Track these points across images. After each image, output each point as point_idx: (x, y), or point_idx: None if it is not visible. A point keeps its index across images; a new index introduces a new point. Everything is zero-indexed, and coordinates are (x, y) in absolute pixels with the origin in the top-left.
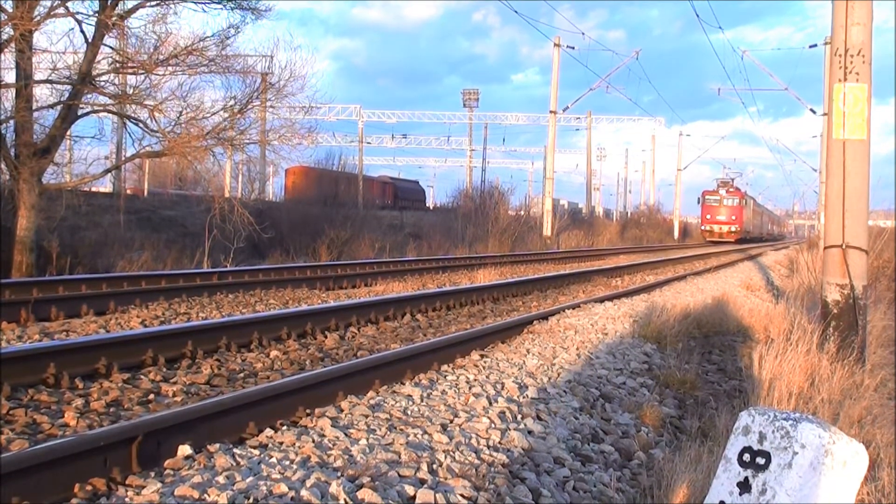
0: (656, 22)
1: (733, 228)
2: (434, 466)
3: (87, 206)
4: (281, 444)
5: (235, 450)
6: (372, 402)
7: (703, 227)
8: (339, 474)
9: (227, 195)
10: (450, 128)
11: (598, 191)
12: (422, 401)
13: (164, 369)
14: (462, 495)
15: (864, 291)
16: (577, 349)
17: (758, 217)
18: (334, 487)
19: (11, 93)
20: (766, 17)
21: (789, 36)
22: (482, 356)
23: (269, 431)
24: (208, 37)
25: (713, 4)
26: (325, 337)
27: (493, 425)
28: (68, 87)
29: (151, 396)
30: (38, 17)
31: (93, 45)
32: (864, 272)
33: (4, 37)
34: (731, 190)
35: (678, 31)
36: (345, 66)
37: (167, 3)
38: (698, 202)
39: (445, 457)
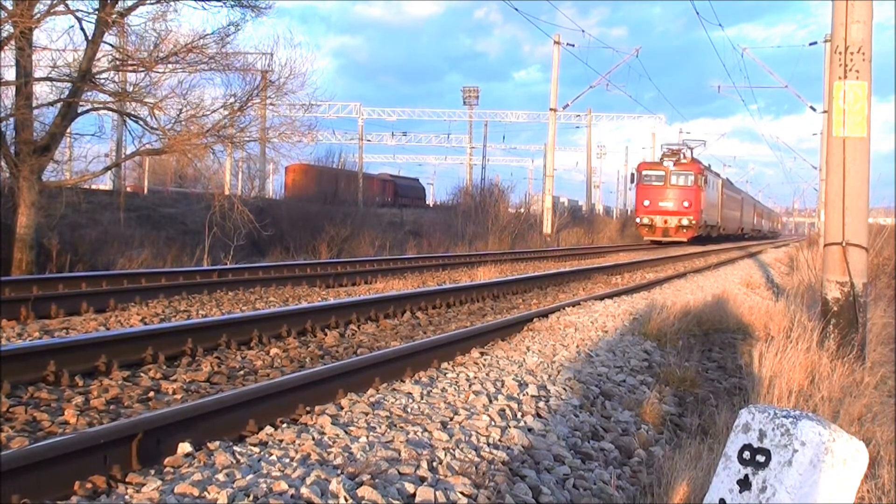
0: (658, 19)
1: (685, 221)
2: (434, 464)
3: (87, 203)
4: (281, 441)
5: (235, 447)
6: (372, 399)
7: (638, 220)
8: (339, 472)
9: (227, 193)
10: (450, 125)
11: (598, 188)
12: (422, 398)
13: (165, 367)
14: (462, 493)
15: (865, 289)
16: (578, 347)
17: (733, 206)
18: (334, 485)
19: (11, 90)
20: (768, 14)
21: (792, 33)
22: (482, 354)
23: (269, 429)
24: (208, 34)
25: (714, 4)
26: (325, 335)
27: (493, 423)
28: (68, 84)
29: (151, 394)
30: (38, 15)
31: (93, 43)
32: (865, 269)
33: (4, 34)
34: (682, 162)
35: (680, 29)
36: (346, 63)
37: (167, 0)
38: (632, 181)
39: (445, 454)
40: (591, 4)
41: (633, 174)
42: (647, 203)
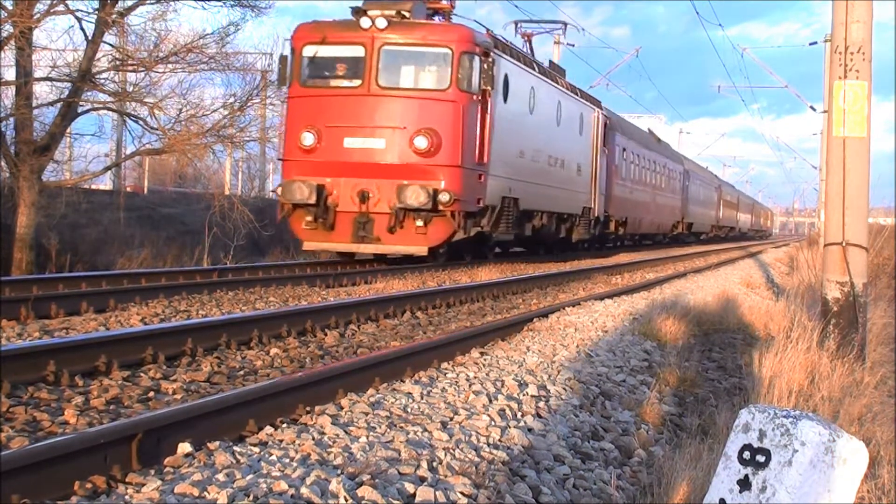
0: (661, 18)
1: (421, 196)
2: (434, 464)
3: (87, 203)
4: (281, 441)
5: (235, 447)
6: (372, 399)
7: (278, 194)
8: (338, 472)
9: (227, 192)
10: None
11: None
12: (422, 398)
13: (164, 367)
14: (462, 493)
15: (865, 289)
16: (578, 346)
17: (656, 180)
18: (334, 485)
19: (11, 90)
20: (772, 13)
21: (796, 32)
22: (482, 354)
23: (269, 429)
24: (208, 34)
25: (715, 4)
26: (326, 335)
27: (492, 423)
28: (68, 84)
29: (151, 394)
30: (38, 15)
31: (93, 43)
32: (865, 270)
33: (4, 34)
34: (415, 23)
35: (683, 28)
36: None
37: (167, 0)
38: (282, 85)
39: (445, 454)
40: (594, 3)
41: (282, 58)
42: (308, 141)
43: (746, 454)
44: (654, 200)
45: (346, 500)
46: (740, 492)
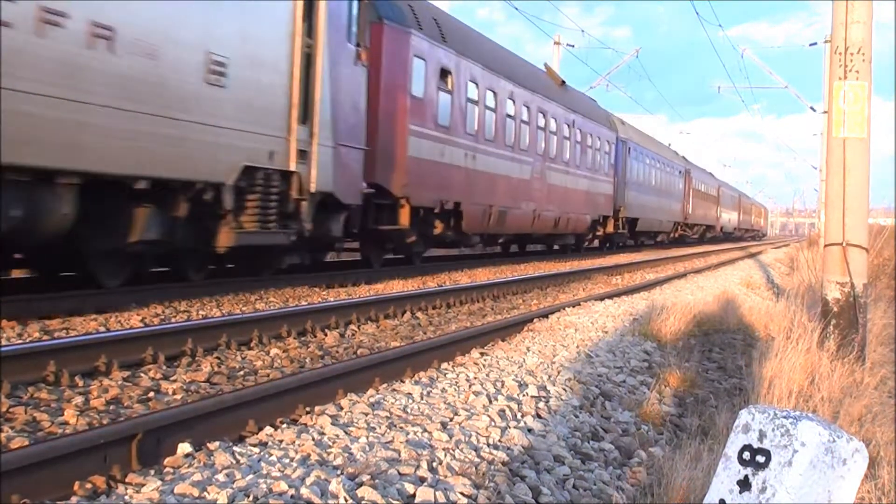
0: (662, 18)
1: None
2: (434, 464)
3: None
4: (281, 441)
5: (235, 448)
6: (372, 399)
7: None
8: (338, 472)
9: None
10: None
11: None
12: (422, 399)
13: (164, 367)
14: (462, 493)
15: (865, 289)
16: (578, 347)
17: (534, 146)
18: (334, 485)
19: None
20: (772, 13)
21: (797, 32)
22: (482, 354)
23: (268, 429)
24: None
25: (715, 4)
26: (326, 335)
27: (492, 423)
28: None
29: (151, 394)
30: None
31: None
32: (865, 270)
33: None
34: None
35: (684, 28)
36: None
37: None
38: None
39: (445, 455)
40: (595, 3)
41: None
42: None
43: (746, 454)
44: (545, 178)
45: (346, 501)
46: (740, 492)
